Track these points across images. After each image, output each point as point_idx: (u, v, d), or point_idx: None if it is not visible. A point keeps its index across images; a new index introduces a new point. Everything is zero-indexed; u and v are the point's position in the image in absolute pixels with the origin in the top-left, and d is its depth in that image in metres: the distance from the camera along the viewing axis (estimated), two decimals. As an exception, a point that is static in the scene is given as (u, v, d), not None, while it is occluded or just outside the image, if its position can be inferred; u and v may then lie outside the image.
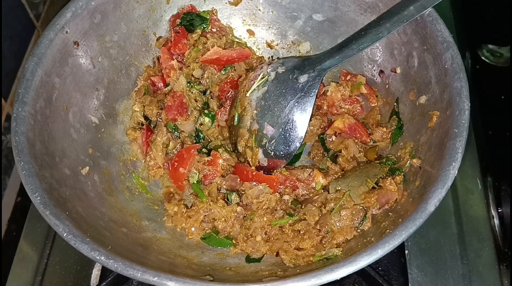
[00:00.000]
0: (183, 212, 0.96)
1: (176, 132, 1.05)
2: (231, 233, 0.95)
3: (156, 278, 0.70)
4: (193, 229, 0.95)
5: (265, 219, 0.93)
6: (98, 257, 0.72)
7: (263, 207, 0.94)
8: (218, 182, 1.00)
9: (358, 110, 1.07)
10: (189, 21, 1.09)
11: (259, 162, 1.03)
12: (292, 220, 0.92)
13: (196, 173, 1.00)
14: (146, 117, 1.06)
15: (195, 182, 1.00)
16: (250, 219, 0.93)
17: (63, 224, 0.74)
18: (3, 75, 1.12)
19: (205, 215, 0.96)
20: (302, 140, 1.00)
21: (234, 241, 0.94)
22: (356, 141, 1.01)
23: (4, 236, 1.10)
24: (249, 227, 0.93)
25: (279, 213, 0.94)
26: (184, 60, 1.09)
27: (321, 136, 1.06)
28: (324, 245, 0.88)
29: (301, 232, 0.91)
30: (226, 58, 1.09)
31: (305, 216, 0.91)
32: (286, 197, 0.98)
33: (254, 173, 0.98)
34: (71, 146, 0.92)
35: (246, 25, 1.17)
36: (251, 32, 1.17)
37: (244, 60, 1.11)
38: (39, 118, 0.86)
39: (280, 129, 1.00)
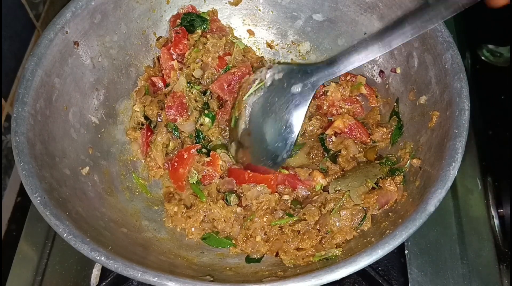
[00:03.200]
0: (183, 212, 0.96)
1: (176, 132, 1.05)
2: (231, 234, 0.95)
3: (156, 278, 0.70)
4: (193, 229, 0.95)
5: (265, 219, 0.93)
6: (98, 258, 0.72)
7: (263, 208, 0.94)
8: (217, 182, 1.00)
9: (358, 110, 1.07)
10: (190, 21, 1.09)
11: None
12: (292, 221, 0.92)
13: (195, 173, 1.00)
14: (146, 117, 1.06)
15: (194, 182, 1.00)
16: (250, 220, 0.93)
17: (63, 224, 0.74)
18: (3, 75, 1.12)
19: (205, 215, 0.96)
20: (290, 151, 0.99)
21: (234, 242, 0.94)
22: (356, 141, 1.01)
23: (4, 236, 1.10)
24: (249, 228, 0.93)
25: (279, 213, 0.94)
26: (184, 61, 1.09)
27: (321, 136, 1.06)
28: (324, 245, 0.88)
29: (301, 232, 0.91)
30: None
31: (304, 216, 0.91)
32: (285, 197, 0.98)
33: (250, 175, 0.98)
34: (71, 146, 0.92)
35: (246, 25, 1.17)
36: (251, 32, 1.17)
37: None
38: (39, 118, 0.86)
39: (271, 137, 1.00)
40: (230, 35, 1.15)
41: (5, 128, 1.14)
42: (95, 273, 1.01)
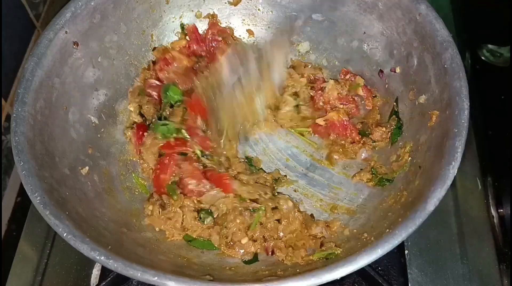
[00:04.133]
0: (159, 212, 0.94)
1: None
2: (211, 240, 0.93)
3: (156, 278, 0.70)
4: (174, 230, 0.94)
5: (238, 221, 0.92)
6: (98, 257, 0.72)
7: (226, 212, 0.93)
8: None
9: (352, 111, 1.07)
10: None
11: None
12: (264, 213, 0.92)
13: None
14: (142, 115, 1.06)
15: (170, 183, 0.98)
16: (224, 227, 0.92)
17: (63, 224, 0.74)
18: (3, 75, 1.12)
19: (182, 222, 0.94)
20: None
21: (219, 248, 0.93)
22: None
23: (4, 236, 1.10)
24: (226, 236, 0.92)
25: (246, 212, 0.93)
26: None
27: None
28: (324, 246, 0.88)
29: (280, 220, 0.92)
30: None
31: (278, 204, 0.93)
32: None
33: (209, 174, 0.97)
34: (71, 146, 0.92)
35: (245, 25, 1.17)
36: (250, 32, 1.17)
37: None
38: (39, 118, 0.86)
39: None
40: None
41: (5, 128, 1.14)
42: (95, 273, 1.01)
